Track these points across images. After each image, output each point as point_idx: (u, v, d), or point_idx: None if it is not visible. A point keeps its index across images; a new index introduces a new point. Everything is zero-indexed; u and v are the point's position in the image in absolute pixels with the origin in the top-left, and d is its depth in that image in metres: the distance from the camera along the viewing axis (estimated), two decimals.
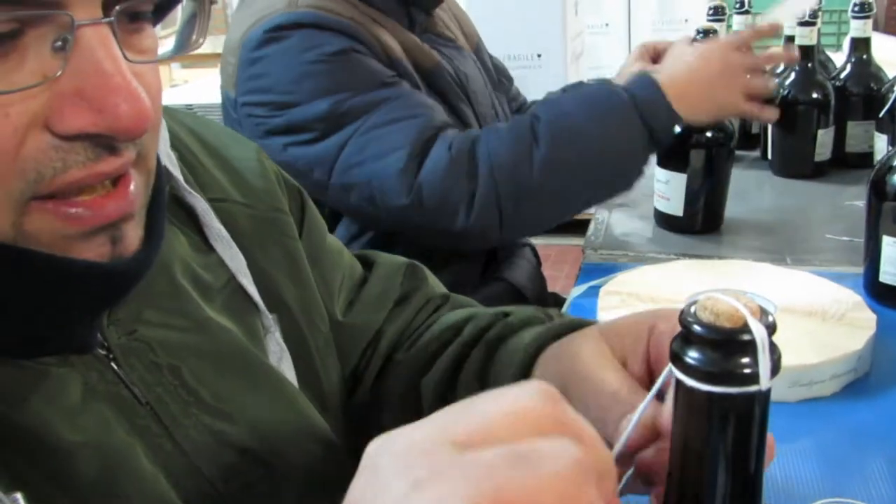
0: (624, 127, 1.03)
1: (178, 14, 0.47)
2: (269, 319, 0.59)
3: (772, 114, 1.14)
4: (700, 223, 1.24)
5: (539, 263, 1.38)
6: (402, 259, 0.78)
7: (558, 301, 1.37)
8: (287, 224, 0.65)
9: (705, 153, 1.18)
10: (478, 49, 1.35)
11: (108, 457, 0.44)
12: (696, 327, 0.31)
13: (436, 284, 0.78)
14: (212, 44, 4.07)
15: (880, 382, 0.85)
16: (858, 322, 0.88)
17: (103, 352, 0.47)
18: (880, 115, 1.36)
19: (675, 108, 1.04)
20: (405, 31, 1.14)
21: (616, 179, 1.07)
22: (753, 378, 0.31)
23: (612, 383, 0.49)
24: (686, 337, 0.32)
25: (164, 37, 0.47)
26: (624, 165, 1.06)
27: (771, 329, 0.31)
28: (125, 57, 0.40)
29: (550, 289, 1.43)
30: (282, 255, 0.63)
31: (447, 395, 0.64)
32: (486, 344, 0.63)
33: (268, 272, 0.61)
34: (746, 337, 0.31)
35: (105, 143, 0.40)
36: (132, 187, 0.43)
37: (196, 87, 3.33)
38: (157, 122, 0.46)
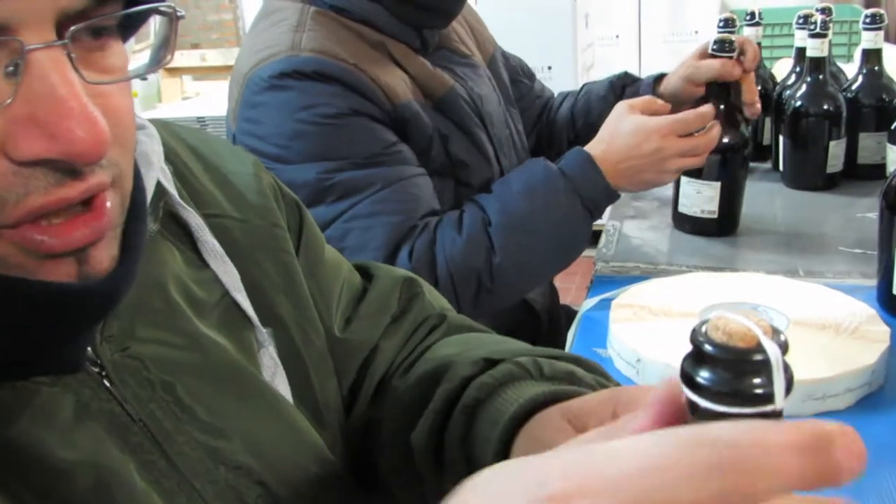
0: (568, 212, 1.06)
1: (152, 28, 0.46)
2: (264, 334, 0.59)
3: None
4: (716, 227, 1.26)
5: None
6: (400, 272, 0.77)
7: (569, 313, 1.37)
8: (283, 239, 0.64)
9: (720, 158, 1.20)
10: (492, 60, 1.34)
11: (101, 474, 0.44)
12: (709, 347, 0.31)
13: (434, 299, 0.77)
14: (224, 56, 4.10)
15: (894, 396, 0.84)
16: (872, 335, 0.87)
17: (96, 369, 0.47)
18: (892, 126, 1.36)
19: (610, 184, 1.06)
20: (417, 56, 1.13)
21: (565, 257, 1.10)
22: (769, 397, 0.31)
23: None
24: (698, 357, 0.32)
25: (139, 51, 0.46)
26: (571, 245, 1.09)
27: (783, 348, 0.31)
28: (84, 79, 0.39)
29: (561, 300, 1.43)
30: (276, 270, 0.62)
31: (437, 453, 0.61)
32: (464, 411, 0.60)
33: (262, 287, 0.61)
34: (760, 356, 0.31)
35: (64, 167, 0.39)
36: (108, 205, 0.42)
37: (208, 99, 3.34)
38: (128, 142, 0.44)
